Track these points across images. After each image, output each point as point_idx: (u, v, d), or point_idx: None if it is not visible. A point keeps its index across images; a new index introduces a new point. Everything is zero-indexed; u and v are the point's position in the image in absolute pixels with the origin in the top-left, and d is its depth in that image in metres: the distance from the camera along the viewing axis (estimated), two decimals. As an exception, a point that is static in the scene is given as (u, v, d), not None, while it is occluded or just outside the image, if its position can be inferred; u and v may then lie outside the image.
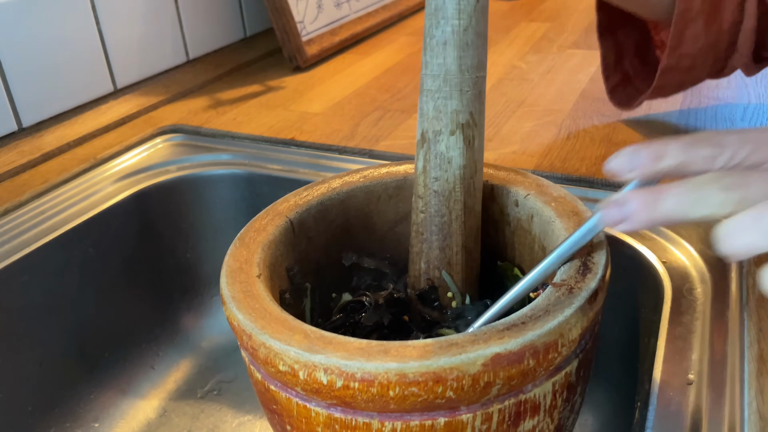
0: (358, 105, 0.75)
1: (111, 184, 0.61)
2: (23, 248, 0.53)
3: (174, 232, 0.64)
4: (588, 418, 0.55)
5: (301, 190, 0.45)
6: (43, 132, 0.68)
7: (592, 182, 0.56)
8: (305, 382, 0.31)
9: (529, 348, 0.30)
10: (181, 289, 0.66)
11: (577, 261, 0.35)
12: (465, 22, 0.38)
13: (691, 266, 0.46)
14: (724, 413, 0.35)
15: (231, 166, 0.64)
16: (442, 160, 0.40)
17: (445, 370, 0.29)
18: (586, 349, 0.35)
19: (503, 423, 0.32)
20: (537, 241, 0.42)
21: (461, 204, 0.41)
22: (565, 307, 0.32)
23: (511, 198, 0.43)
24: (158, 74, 0.83)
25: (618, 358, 0.52)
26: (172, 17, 0.84)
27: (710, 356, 0.38)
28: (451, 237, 0.41)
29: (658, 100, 0.71)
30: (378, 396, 0.30)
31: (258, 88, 0.82)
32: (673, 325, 0.41)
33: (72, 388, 0.57)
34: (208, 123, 0.72)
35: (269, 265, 0.39)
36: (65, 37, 0.70)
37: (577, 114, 0.69)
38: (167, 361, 0.64)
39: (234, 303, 0.35)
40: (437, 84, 0.39)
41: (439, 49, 0.38)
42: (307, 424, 0.33)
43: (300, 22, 0.87)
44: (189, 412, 0.59)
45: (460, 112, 0.39)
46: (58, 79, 0.70)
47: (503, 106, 0.72)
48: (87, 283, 0.57)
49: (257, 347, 0.32)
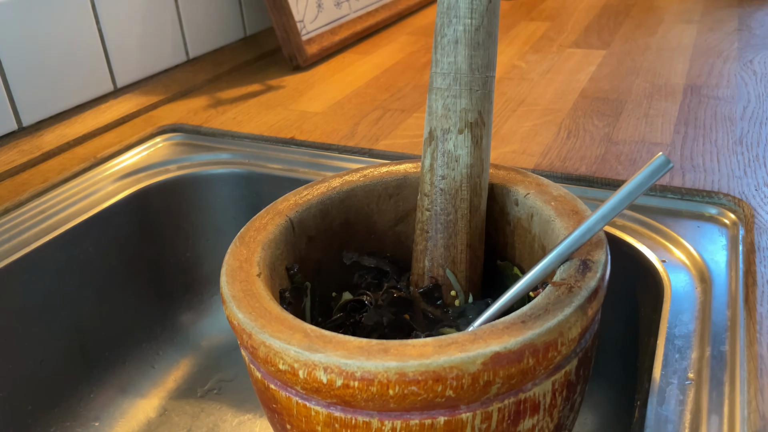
0: (358, 104, 0.75)
1: (111, 183, 0.61)
2: (23, 247, 0.53)
3: (174, 231, 0.64)
4: (588, 417, 0.55)
5: (301, 189, 0.45)
6: (43, 131, 0.68)
7: (592, 181, 0.56)
8: (305, 381, 0.31)
9: (529, 347, 0.30)
10: (181, 289, 0.66)
11: (576, 260, 0.35)
12: (477, 21, 0.38)
13: (691, 266, 0.46)
14: (723, 412, 0.35)
15: (231, 166, 0.64)
16: (449, 159, 0.40)
17: (445, 369, 0.29)
18: (586, 348, 0.35)
19: (503, 422, 0.32)
20: (537, 240, 0.42)
21: (467, 203, 0.41)
22: (565, 306, 0.32)
23: (511, 197, 0.43)
24: (158, 73, 0.83)
25: (618, 358, 0.52)
26: (172, 17, 0.84)
27: (710, 355, 0.38)
28: (456, 235, 0.41)
29: (658, 100, 0.71)
30: (378, 395, 0.30)
31: (258, 88, 0.82)
32: (672, 325, 0.41)
33: (72, 388, 0.57)
34: (208, 122, 0.72)
35: (269, 264, 0.39)
36: (65, 37, 0.70)
37: (577, 113, 0.69)
38: (167, 360, 0.64)
39: (234, 302, 0.35)
40: (447, 82, 0.39)
41: (450, 48, 0.39)
42: (307, 423, 0.33)
43: (300, 22, 0.87)
44: (189, 411, 0.59)
45: (469, 111, 0.39)
46: (58, 78, 0.70)
47: (503, 106, 0.72)
48: (87, 283, 0.57)
49: (257, 346, 0.32)
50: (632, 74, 0.79)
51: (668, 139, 0.61)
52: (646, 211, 0.52)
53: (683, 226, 0.50)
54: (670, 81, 0.76)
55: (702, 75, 0.78)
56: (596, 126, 0.66)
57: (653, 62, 0.83)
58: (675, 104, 0.70)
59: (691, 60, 0.83)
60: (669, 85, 0.75)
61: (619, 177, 0.55)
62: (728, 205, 0.51)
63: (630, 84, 0.76)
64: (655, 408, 0.35)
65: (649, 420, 0.35)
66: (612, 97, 0.73)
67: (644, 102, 0.71)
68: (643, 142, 0.61)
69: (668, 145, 0.60)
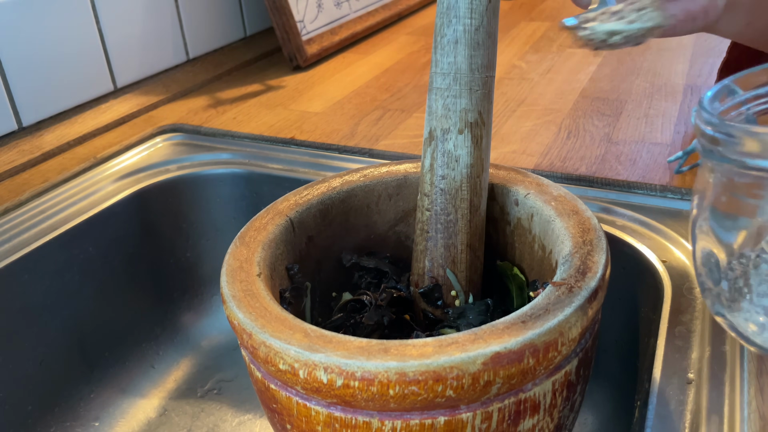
0: (358, 104, 0.75)
1: (111, 183, 0.61)
2: (23, 247, 0.53)
3: (174, 231, 0.64)
4: (588, 417, 0.55)
5: (301, 189, 0.45)
6: (43, 131, 0.68)
7: (592, 181, 0.56)
8: (305, 381, 0.31)
9: (529, 347, 0.30)
10: (181, 289, 0.66)
11: (577, 260, 0.35)
12: (477, 21, 0.38)
13: (691, 266, 0.46)
14: (723, 412, 0.35)
15: (231, 166, 0.64)
16: (449, 159, 0.40)
17: (445, 369, 0.29)
18: (586, 348, 0.35)
19: (503, 422, 0.32)
20: (537, 240, 0.42)
21: (467, 203, 0.41)
22: (565, 306, 0.32)
23: (511, 197, 0.43)
24: (158, 73, 0.83)
25: (618, 358, 0.52)
26: (172, 17, 0.84)
27: (710, 355, 0.38)
28: (456, 235, 0.41)
29: (658, 100, 0.71)
30: (378, 395, 0.30)
31: (258, 88, 0.82)
32: (672, 325, 0.41)
33: (72, 387, 0.57)
34: (208, 122, 0.72)
35: (269, 264, 0.39)
36: (65, 37, 0.70)
37: (577, 113, 0.69)
38: (167, 360, 0.64)
39: (234, 302, 0.35)
40: (447, 82, 0.39)
41: (450, 48, 0.39)
42: (307, 423, 0.33)
43: (300, 22, 0.87)
44: (189, 411, 0.59)
45: (469, 111, 0.39)
46: (58, 78, 0.70)
47: (503, 106, 0.72)
48: (87, 283, 0.57)
49: (257, 346, 0.32)
50: (632, 74, 0.79)
51: (668, 139, 0.61)
52: (646, 211, 0.52)
53: (683, 226, 0.50)
54: (670, 81, 0.76)
55: (702, 75, 0.78)
56: (596, 126, 0.66)
57: (653, 62, 0.83)
58: (675, 104, 0.70)
59: (691, 60, 0.83)
60: (669, 85, 0.75)
61: (619, 177, 0.55)
62: (728, 205, 0.51)
63: (630, 84, 0.76)
64: (655, 408, 0.35)
65: (649, 420, 0.35)
66: (612, 97, 0.73)
67: (644, 102, 0.71)
68: (643, 142, 0.61)
69: (668, 145, 0.60)
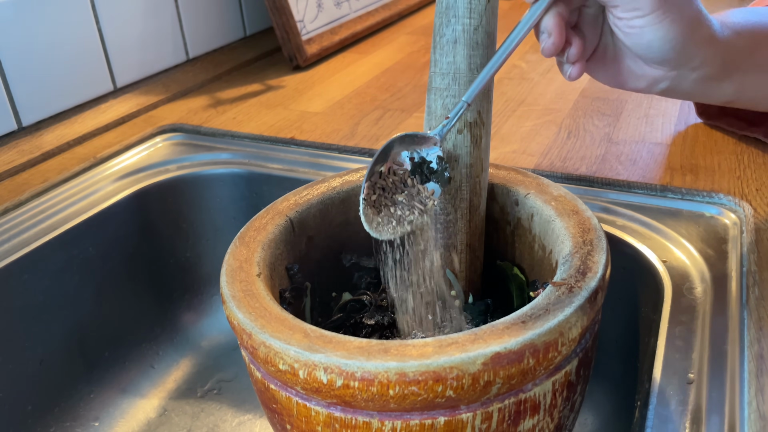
0: (358, 104, 0.75)
1: (111, 183, 0.61)
2: (23, 247, 0.53)
3: (174, 231, 0.64)
4: (588, 417, 0.55)
5: (301, 189, 0.45)
6: (43, 131, 0.68)
7: (592, 181, 0.56)
8: (305, 381, 0.31)
9: (529, 347, 0.30)
10: (181, 289, 0.66)
11: (577, 260, 0.35)
12: (476, 21, 0.38)
13: (691, 266, 0.46)
14: (724, 412, 0.35)
15: (231, 165, 0.64)
16: (449, 159, 0.40)
17: (445, 369, 0.29)
18: (586, 348, 0.35)
19: (503, 422, 0.32)
20: (537, 240, 0.42)
21: (467, 203, 0.41)
22: (565, 306, 0.32)
23: (511, 197, 0.43)
24: (158, 73, 0.83)
25: (618, 358, 0.52)
26: (172, 16, 0.83)
27: (710, 355, 0.38)
28: (456, 235, 0.41)
29: (658, 100, 0.71)
30: (378, 395, 0.30)
31: (258, 88, 0.82)
32: (673, 325, 0.41)
33: (72, 387, 0.57)
34: (208, 122, 0.72)
35: (269, 264, 0.39)
36: (65, 37, 0.70)
37: (577, 113, 0.69)
38: (167, 360, 0.64)
39: (234, 302, 0.35)
40: (446, 82, 0.39)
41: (449, 48, 0.39)
42: (307, 423, 0.33)
43: (300, 21, 0.87)
44: (189, 411, 0.59)
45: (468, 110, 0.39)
46: (57, 78, 0.70)
47: (503, 106, 0.72)
48: (87, 283, 0.57)
49: (257, 346, 0.32)
50: (632, 74, 0.79)
51: (668, 139, 0.61)
52: (646, 211, 0.52)
53: (683, 226, 0.50)
54: (670, 81, 0.76)
55: (702, 75, 0.78)
56: (596, 126, 0.66)
57: (653, 62, 0.83)
58: (675, 104, 0.70)
59: (691, 60, 0.83)
60: (669, 85, 0.75)
61: (620, 177, 0.55)
62: (728, 205, 0.51)
63: (630, 84, 0.76)
64: (655, 408, 0.35)
65: (649, 420, 0.35)
66: (612, 97, 0.73)
67: (644, 102, 0.71)
68: (643, 142, 0.61)
69: (668, 144, 0.60)
